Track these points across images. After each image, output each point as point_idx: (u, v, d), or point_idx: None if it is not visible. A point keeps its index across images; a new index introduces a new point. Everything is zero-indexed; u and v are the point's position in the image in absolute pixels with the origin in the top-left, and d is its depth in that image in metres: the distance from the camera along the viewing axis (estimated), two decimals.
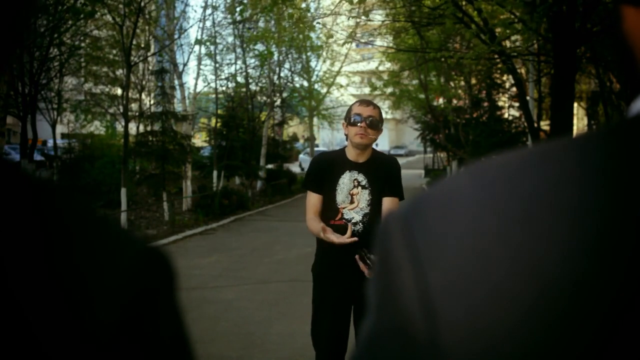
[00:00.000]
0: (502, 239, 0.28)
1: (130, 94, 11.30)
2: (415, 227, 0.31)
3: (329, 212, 2.47)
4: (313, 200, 2.53)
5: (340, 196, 2.46)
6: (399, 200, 2.52)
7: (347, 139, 2.53)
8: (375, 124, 2.45)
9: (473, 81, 14.47)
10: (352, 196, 2.45)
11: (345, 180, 2.47)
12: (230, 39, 15.11)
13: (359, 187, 2.46)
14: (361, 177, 2.47)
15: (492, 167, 0.32)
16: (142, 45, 13.08)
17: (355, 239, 2.29)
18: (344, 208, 2.46)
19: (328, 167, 2.50)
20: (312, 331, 2.53)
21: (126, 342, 0.33)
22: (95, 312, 0.32)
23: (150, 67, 14.10)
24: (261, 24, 15.60)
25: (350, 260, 2.40)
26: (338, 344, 2.46)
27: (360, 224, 2.44)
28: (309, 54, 19.45)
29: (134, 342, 0.34)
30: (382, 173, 2.51)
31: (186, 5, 13.59)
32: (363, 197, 2.46)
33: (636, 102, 0.32)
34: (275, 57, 16.60)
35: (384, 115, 2.56)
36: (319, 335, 2.49)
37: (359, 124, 2.42)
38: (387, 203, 2.49)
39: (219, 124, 14.72)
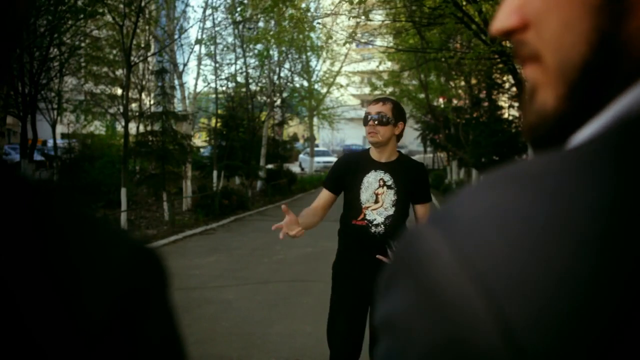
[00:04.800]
0: (585, 261, 0.25)
1: (130, 94, 11.29)
2: (475, 256, 0.27)
3: (352, 211, 2.46)
4: (323, 195, 2.54)
5: (365, 195, 2.44)
6: (429, 203, 2.53)
7: None
8: (385, 120, 2.43)
9: (473, 81, 14.46)
10: (377, 196, 2.43)
11: (371, 179, 2.45)
12: (230, 39, 15.13)
13: (385, 187, 2.44)
14: (387, 177, 2.45)
15: (541, 177, 0.29)
16: (142, 45, 13.08)
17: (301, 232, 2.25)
18: (367, 208, 2.44)
19: (352, 167, 2.50)
20: (327, 330, 2.52)
21: (115, 340, 0.33)
22: (85, 308, 0.32)
23: (150, 67, 14.10)
24: (261, 24, 15.61)
25: (371, 260, 2.39)
26: (353, 345, 2.45)
27: (382, 225, 2.42)
28: (309, 54, 19.45)
29: (123, 341, 0.34)
30: (409, 176, 2.49)
31: (186, 5, 13.60)
32: (388, 197, 2.43)
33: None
34: (275, 57, 16.61)
35: None
36: (335, 335, 2.48)
37: (368, 123, 2.43)
38: (422, 210, 2.50)
39: (219, 124, 14.72)
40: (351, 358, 2.46)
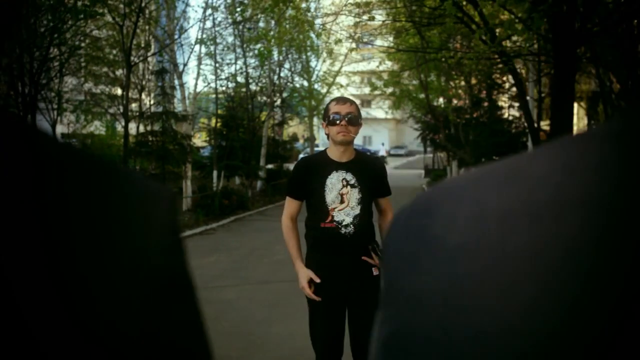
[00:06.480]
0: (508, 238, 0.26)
1: (130, 94, 11.30)
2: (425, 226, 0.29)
3: (319, 214, 2.47)
4: (291, 206, 2.58)
5: (330, 197, 2.45)
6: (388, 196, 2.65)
7: (328, 139, 2.55)
8: (355, 121, 2.47)
9: (473, 81, 14.47)
10: (342, 196, 2.45)
11: (334, 181, 2.46)
12: (230, 39, 15.13)
13: (348, 187, 2.46)
14: (349, 176, 2.47)
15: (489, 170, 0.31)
16: (142, 45, 13.09)
17: (318, 299, 2.44)
18: (334, 209, 2.45)
19: (313, 171, 2.51)
20: (310, 333, 2.55)
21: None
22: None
23: (150, 67, 14.10)
24: (261, 24, 15.61)
25: (342, 262, 2.42)
26: (334, 346, 2.48)
27: (352, 226, 2.44)
28: (309, 54, 19.46)
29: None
30: (370, 172, 2.53)
31: (186, 5, 13.61)
32: (353, 196, 2.45)
33: None
34: (275, 57, 16.62)
35: (383, 116, 2.61)
36: (316, 339, 2.51)
37: (339, 123, 2.44)
38: (385, 202, 2.61)
39: (219, 124, 14.73)
40: (334, 359, 2.49)
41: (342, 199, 2.45)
